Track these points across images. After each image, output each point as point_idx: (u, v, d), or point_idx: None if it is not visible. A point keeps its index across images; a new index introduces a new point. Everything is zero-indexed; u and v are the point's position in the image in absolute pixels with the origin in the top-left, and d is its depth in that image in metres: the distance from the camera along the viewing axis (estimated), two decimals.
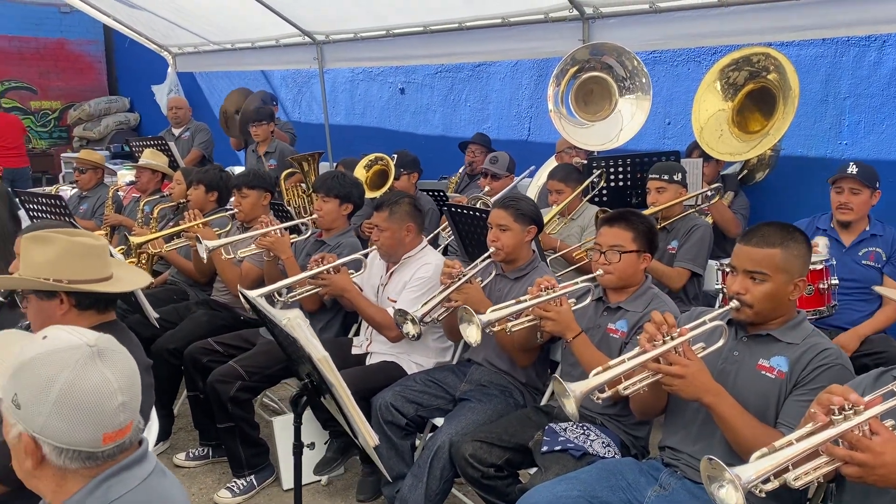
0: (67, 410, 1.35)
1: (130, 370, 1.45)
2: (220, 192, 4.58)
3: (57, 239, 2.25)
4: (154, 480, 1.48)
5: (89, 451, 1.38)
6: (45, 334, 1.44)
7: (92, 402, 1.36)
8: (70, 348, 1.39)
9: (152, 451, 1.55)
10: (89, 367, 1.38)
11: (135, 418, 1.45)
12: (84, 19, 10.96)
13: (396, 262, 3.56)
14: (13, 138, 9.31)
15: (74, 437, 1.36)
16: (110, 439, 1.39)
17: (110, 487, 1.41)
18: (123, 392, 1.40)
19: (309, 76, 9.06)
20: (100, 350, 1.40)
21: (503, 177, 5.06)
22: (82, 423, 1.36)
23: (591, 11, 5.13)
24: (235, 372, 3.47)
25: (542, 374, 3.23)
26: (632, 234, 2.77)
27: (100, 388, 1.37)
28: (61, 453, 1.38)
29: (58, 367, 1.36)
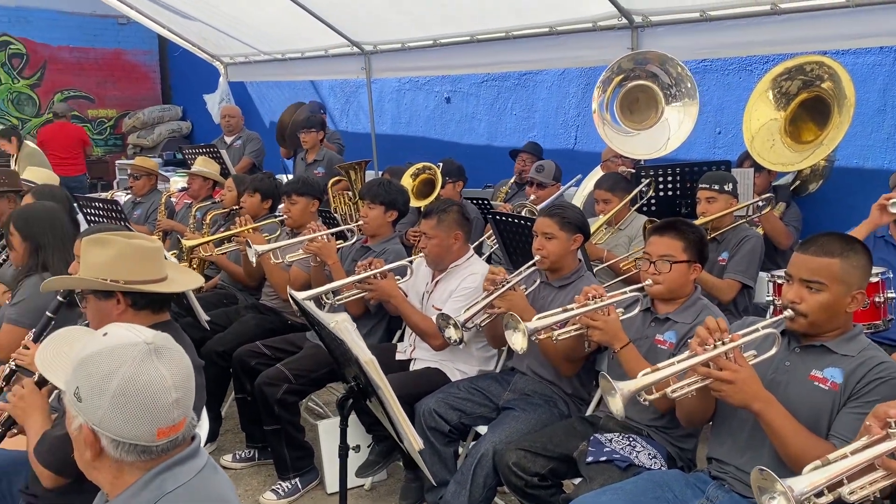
0: (124, 405, 1.40)
1: (185, 368, 1.48)
2: (273, 199, 4.67)
3: (115, 241, 2.32)
4: (206, 475, 1.51)
5: (144, 445, 1.42)
6: (105, 331, 1.49)
7: (147, 397, 1.40)
8: (129, 345, 1.43)
9: (204, 448, 1.59)
10: (146, 364, 1.42)
11: (188, 415, 1.48)
12: (140, 30, 11.30)
13: (443, 270, 3.56)
14: (70, 148, 9.69)
15: (130, 430, 1.41)
16: (164, 434, 1.43)
17: (164, 480, 1.45)
18: (177, 389, 1.44)
19: (356, 86, 9.17)
20: (156, 347, 1.45)
21: (549, 185, 5.05)
22: (138, 417, 1.40)
23: (640, 20, 5.09)
24: (282, 375, 3.53)
25: (587, 384, 3.19)
26: (682, 244, 2.73)
27: (155, 384, 1.41)
28: (118, 446, 1.42)
29: (117, 363, 1.41)
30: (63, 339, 1.79)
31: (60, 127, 9.91)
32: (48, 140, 9.69)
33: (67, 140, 9.71)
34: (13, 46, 11.46)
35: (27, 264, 3.21)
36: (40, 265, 3.17)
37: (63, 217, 3.38)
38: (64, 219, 3.37)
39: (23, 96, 11.70)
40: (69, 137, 9.75)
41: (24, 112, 11.66)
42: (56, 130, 9.84)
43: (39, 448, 2.20)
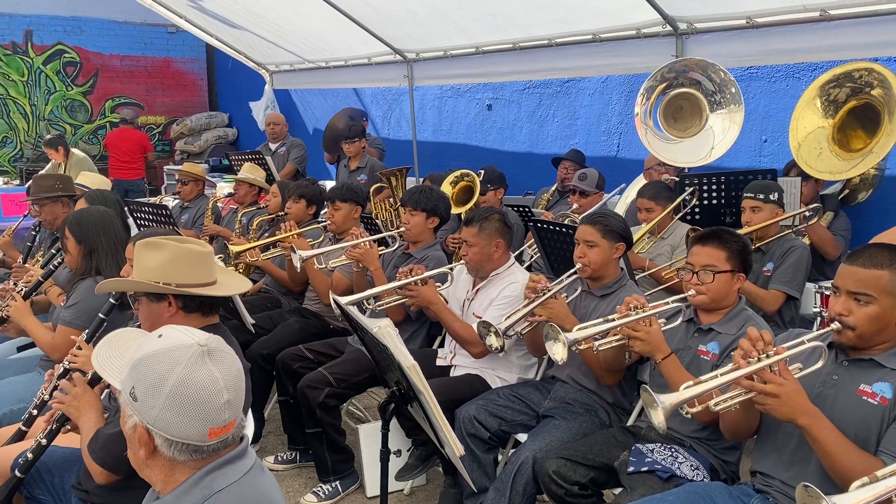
0: (178, 405, 1.44)
1: (236, 370, 1.52)
2: (317, 205, 4.74)
3: (167, 245, 2.38)
4: (253, 475, 1.55)
5: (196, 445, 1.46)
6: (160, 333, 1.54)
7: (201, 398, 1.44)
8: (183, 347, 1.47)
9: (251, 448, 1.62)
10: (199, 366, 1.46)
11: (238, 416, 1.52)
12: (188, 39, 11.61)
13: (484, 277, 3.57)
14: (131, 152, 10.06)
15: (183, 430, 1.45)
16: (216, 434, 1.47)
17: (214, 479, 1.48)
18: (229, 390, 1.47)
19: (399, 93, 9.25)
20: (209, 350, 1.48)
21: (592, 194, 5.03)
22: (191, 417, 1.44)
23: (685, 27, 5.05)
24: (324, 378, 3.57)
25: (628, 393, 3.17)
26: (725, 254, 2.71)
27: (208, 386, 1.45)
28: (171, 445, 1.46)
29: (171, 364, 1.45)
30: (118, 340, 1.84)
31: (124, 132, 10.30)
32: (111, 144, 10.19)
33: (129, 145, 10.10)
34: (67, 55, 11.83)
35: (81, 267, 3.31)
36: (93, 268, 3.27)
37: (115, 221, 3.47)
38: (116, 223, 3.46)
39: (76, 103, 12.07)
40: (131, 142, 10.13)
41: (76, 118, 12.02)
42: (119, 135, 10.25)
43: (92, 445, 2.26)
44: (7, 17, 11.21)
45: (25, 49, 11.45)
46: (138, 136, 10.47)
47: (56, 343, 3.20)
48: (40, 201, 4.54)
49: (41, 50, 11.59)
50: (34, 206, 4.65)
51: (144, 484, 2.14)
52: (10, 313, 3.39)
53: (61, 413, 2.42)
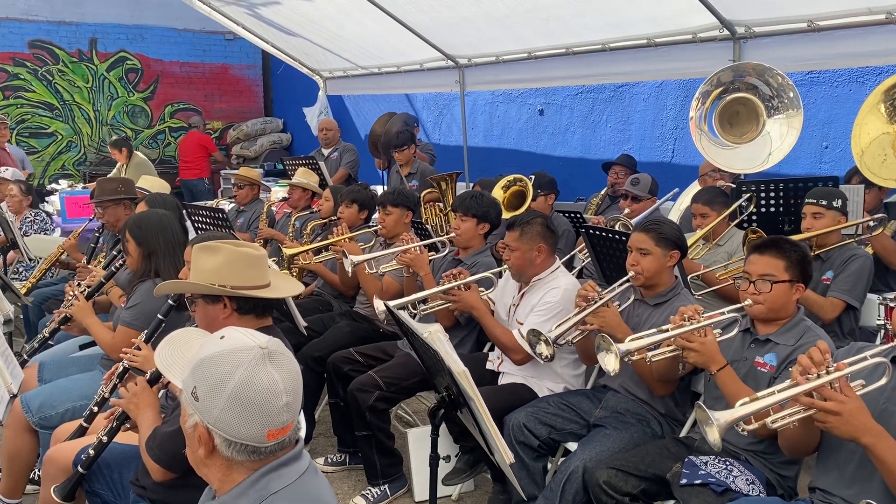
0: (239, 406, 1.45)
1: (295, 373, 1.53)
2: (368, 210, 4.78)
3: (223, 248, 2.44)
4: (308, 478, 1.56)
5: (254, 446, 1.48)
6: (222, 334, 1.56)
7: (260, 400, 1.45)
8: (245, 349, 1.49)
9: (306, 451, 1.64)
10: (260, 368, 1.47)
11: (295, 418, 1.53)
12: (245, 46, 11.85)
13: (527, 282, 3.54)
14: (193, 153, 10.83)
15: (242, 431, 1.46)
16: (273, 436, 1.48)
17: (271, 481, 1.50)
18: (288, 393, 1.48)
19: (450, 99, 9.29)
20: (270, 352, 1.50)
21: (645, 199, 4.96)
22: (251, 418, 1.45)
23: (743, 31, 4.95)
24: (374, 382, 3.60)
25: (682, 404, 3.11)
26: (784, 263, 2.63)
27: (268, 388, 1.46)
28: (230, 445, 1.48)
29: (233, 366, 1.47)
30: (180, 340, 1.88)
31: (191, 136, 11.12)
32: (180, 148, 11.28)
33: (193, 147, 10.88)
34: (129, 62, 12.20)
35: (140, 269, 3.40)
36: (152, 270, 3.35)
37: (174, 224, 3.55)
38: (175, 226, 3.55)
39: (136, 108, 12.42)
40: (194, 144, 10.91)
41: (137, 123, 12.38)
42: (186, 139, 11.18)
43: (150, 443, 2.32)
44: (74, 26, 11.62)
45: (90, 56, 11.84)
46: (200, 138, 11.05)
47: (116, 343, 3.29)
48: (103, 204, 4.68)
49: (105, 57, 11.97)
50: (97, 209, 4.80)
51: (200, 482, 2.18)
52: (74, 313, 3.51)
53: (122, 411, 2.49)
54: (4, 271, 5.63)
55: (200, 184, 10.77)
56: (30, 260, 5.64)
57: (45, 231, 6.28)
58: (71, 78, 11.72)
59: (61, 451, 2.77)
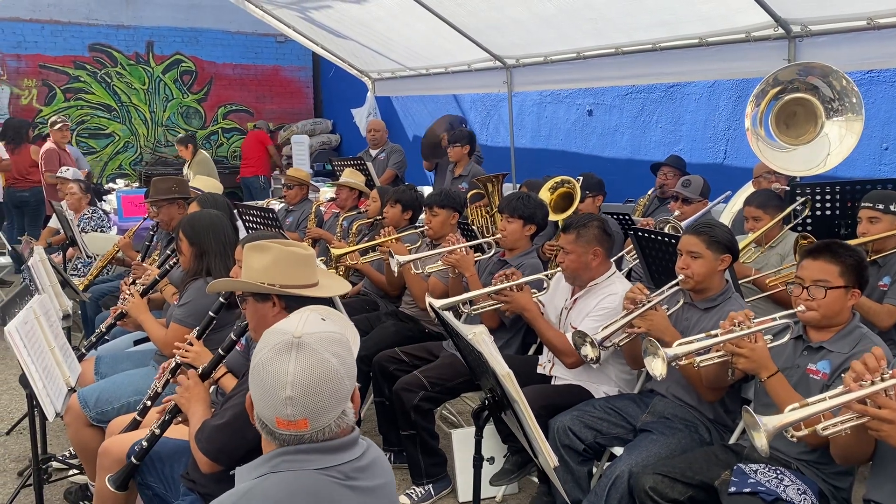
0: (254, 384, 1.51)
1: (318, 374, 1.47)
2: (414, 210, 4.81)
3: (273, 248, 2.48)
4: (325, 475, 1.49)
5: (270, 428, 1.50)
6: (300, 312, 1.61)
7: (266, 384, 1.48)
8: (281, 332, 1.52)
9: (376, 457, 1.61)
10: (279, 355, 1.48)
11: (312, 418, 1.47)
12: (296, 48, 12.02)
13: (582, 286, 3.51)
14: (252, 150, 11.28)
15: (258, 409, 1.51)
16: (284, 426, 1.48)
17: (283, 462, 1.50)
18: (293, 387, 1.45)
19: (497, 99, 9.26)
20: (300, 343, 1.48)
21: (695, 201, 4.87)
22: (261, 399, 1.50)
23: (799, 29, 4.83)
24: (419, 382, 3.61)
25: (731, 410, 3.04)
26: (839, 269, 2.55)
27: (274, 376, 1.47)
28: (257, 419, 1.53)
29: (264, 343, 1.52)
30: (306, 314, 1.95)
31: (252, 134, 11.57)
32: (242, 147, 11.72)
33: (253, 144, 11.35)
34: (184, 64, 12.49)
35: (193, 268, 3.48)
36: (204, 269, 3.43)
37: (226, 224, 3.63)
38: (226, 225, 3.63)
39: (191, 110, 12.71)
40: (255, 142, 11.38)
41: (191, 125, 12.66)
42: (249, 137, 11.63)
43: (199, 435, 2.38)
44: (132, 29, 11.95)
45: (147, 59, 12.15)
46: (257, 135, 11.43)
47: (168, 339, 3.38)
48: (158, 203, 4.81)
49: (161, 60, 12.27)
50: (152, 208, 4.93)
51: None
52: (129, 309, 3.61)
53: (174, 405, 2.56)
54: (64, 268, 5.81)
55: (256, 181, 11.08)
56: (88, 257, 5.82)
57: (102, 229, 6.47)
58: (128, 80, 12.05)
59: (115, 444, 2.86)
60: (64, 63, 11.48)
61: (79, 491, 3.62)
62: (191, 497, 2.45)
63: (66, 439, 3.99)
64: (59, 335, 3.17)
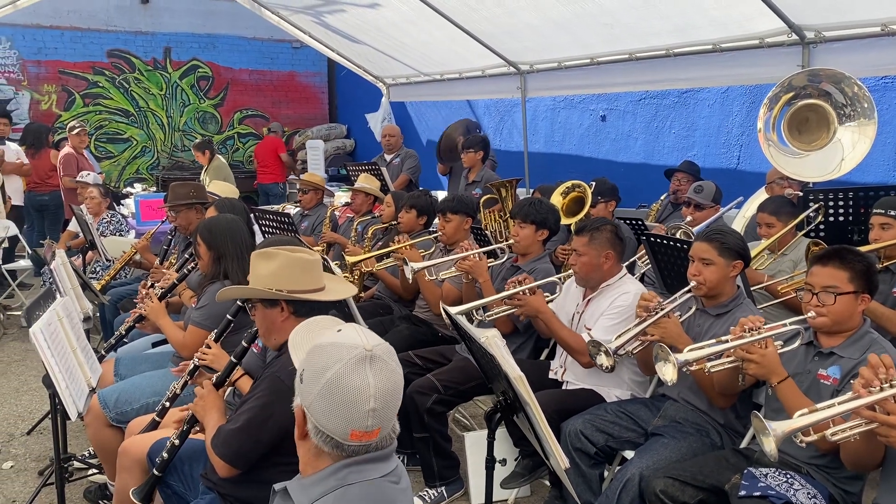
0: (328, 399, 1.50)
1: (392, 383, 1.54)
2: (428, 215, 4.86)
3: (279, 254, 2.53)
4: (386, 482, 1.58)
5: (338, 441, 1.52)
6: (341, 327, 1.63)
7: (348, 398, 1.49)
8: (350, 346, 1.53)
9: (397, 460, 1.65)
10: (357, 369, 1.50)
11: (385, 426, 1.54)
12: (311, 53, 12.12)
13: (594, 289, 3.54)
14: (267, 157, 11.24)
15: (328, 423, 1.51)
16: (357, 437, 1.51)
17: (350, 473, 1.54)
18: (377, 399, 1.50)
19: (511, 105, 9.30)
20: (373, 356, 1.52)
21: (707, 207, 4.89)
22: (336, 414, 1.50)
23: (813, 36, 4.84)
24: (433, 385, 3.65)
25: (742, 415, 3.05)
26: (848, 274, 2.57)
27: (357, 390, 1.49)
28: (318, 433, 1.53)
29: (334, 359, 1.51)
30: (315, 325, 1.96)
31: (267, 140, 11.52)
32: (256, 153, 11.65)
33: (267, 151, 11.30)
34: (201, 70, 12.62)
35: (210, 272, 3.54)
36: (222, 273, 3.49)
37: (243, 228, 3.69)
38: (243, 230, 3.68)
39: (207, 115, 12.84)
40: (268, 148, 11.32)
41: (207, 129, 12.79)
42: (262, 144, 11.60)
43: (215, 440, 2.43)
44: (150, 35, 12.10)
45: (164, 65, 12.30)
46: (272, 142, 11.40)
47: (186, 342, 3.44)
48: (176, 207, 4.88)
49: (178, 65, 12.42)
50: (170, 213, 5.00)
51: (265, 478, 2.28)
52: (148, 312, 3.68)
53: (191, 414, 2.62)
54: (84, 270, 5.90)
55: (276, 188, 11.16)
56: (107, 260, 5.91)
57: (120, 233, 6.57)
58: (146, 85, 12.20)
59: (135, 444, 2.92)
60: (83, 69, 11.64)
61: (98, 490, 3.69)
62: (210, 496, 2.49)
63: (85, 439, 4.06)
64: (80, 337, 3.23)
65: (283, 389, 2.33)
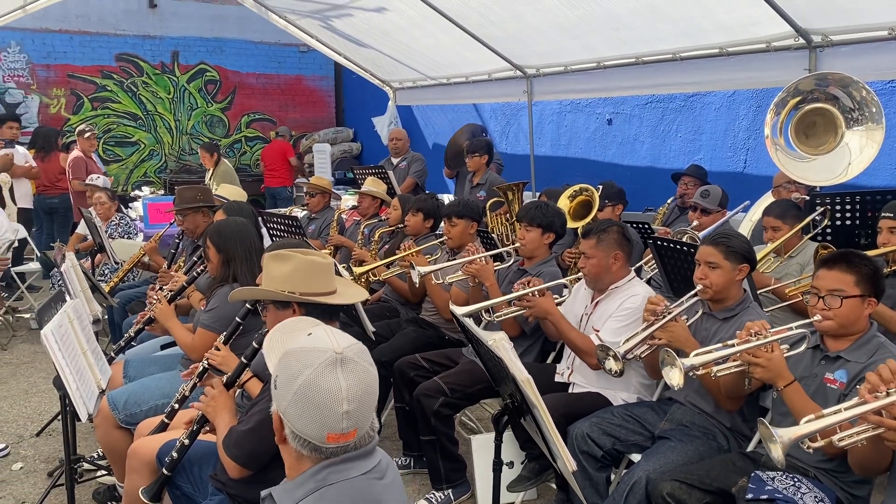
0: (302, 404, 1.52)
1: (366, 384, 1.56)
2: (435, 219, 4.88)
3: (293, 257, 2.55)
4: (370, 479, 1.59)
5: (315, 444, 1.54)
6: (311, 331, 1.64)
7: (321, 402, 1.51)
8: (320, 350, 1.55)
9: (382, 453, 1.67)
10: (328, 372, 1.52)
11: (361, 426, 1.56)
12: (318, 57, 12.17)
13: (603, 290, 3.55)
14: (275, 160, 11.29)
15: (304, 428, 1.53)
16: (333, 440, 1.53)
17: (330, 473, 1.56)
18: (351, 401, 1.52)
19: (517, 108, 9.32)
20: (344, 359, 1.54)
21: (714, 211, 4.89)
22: (311, 418, 1.52)
23: (820, 40, 4.84)
24: (439, 388, 3.66)
25: (749, 418, 3.06)
26: (854, 278, 2.57)
27: (330, 393, 1.51)
28: (295, 437, 1.55)
29: (305, 364, 1.53)
30: (290, 328, 1.97)
31: (274, 144, 11.59)
32: (264, 156, 11.67)
33: (275, 155, 11.34)
34: (209, 74, 12.68)
35: (219, 274, 3.56)
36: (230, 276, 3.51)
37: (251, 231, 3.71)
38: (252, 233, 3.70)
39: (214, 119, 12.89)
40: (276, 152, 11.37)
41: (215, 133, 12.85)
42: (269, 148, 11.64)
43: (227, 441, 2.44)
44: (157, 39, 12.17)
45: (172, 69, 12.37)
46: (280, 146, 11.46)
47: (195, 344, 3.46)
48: (183, 211, 4.91)
49: (185, 69, 12.48)
50: (178, 216, 5.02)
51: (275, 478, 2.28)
52: (157, 315, 3.70)
53: (201, 415, 2.63)
54: (92, 273, 5.93)
55: (283, 191, 11.18)
56: (115, 263, 5.94)
57: (129, 236, 6.61)
58: (154, 89, 12.27)
59: (144, 445, 2.94)
60: (91, 73, 11.71)
61: (107, 491, 3.71)
62: (219, 497, 2.51)
63: (94, 441, 4.09)
64: (90, 339, 3.26)
65: None
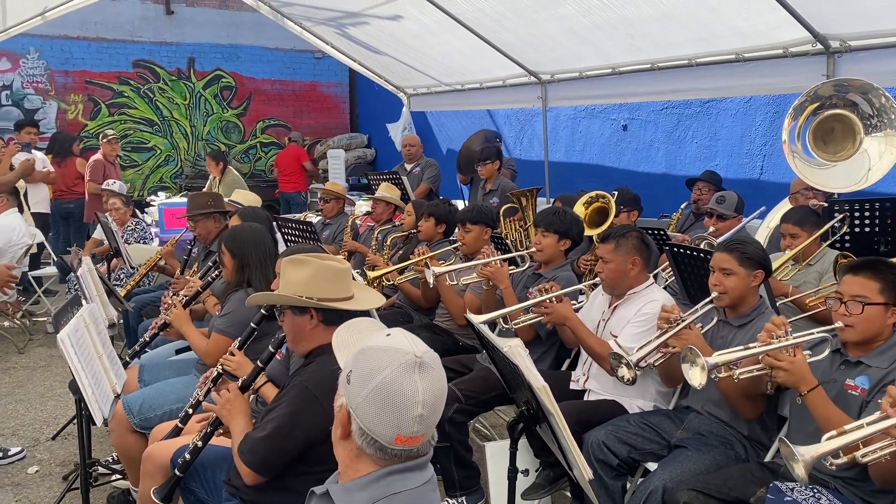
0: (377, 402, 1.51)
1: (438, 390, 1.58)
2: (448, 224, 4.87)
3: (311, 262, 2.54)
4: (427, 489, 1.60)
5: (382, 444, 1.53)
6: (390, 332, 1.65)
7: (398, 403, 1.51)
8: (401, 352, 1.55)
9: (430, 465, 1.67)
10: (408, 374, 1.52)
11: (427, 433, 1.57)
12: (333, 64, 12.22)
13: (620, 296, 3.52)
14: (289, 166, 11.38)
15: (375, 427, 1.52)
16: (402, 442, 1.53)
17: (394, 482, 1.56)
18: (425, 406, 1.53)
19: (532, 114, 9.30)
20: (422, 363, 1.55)
21: (730, 218, 4.85)
22: (384, 417, 1.51)
23: (838, 45, 4.80)
24: (453, 394, 3.64)
25: (767, 427, 3.02)
26: (879, 285, 2.54)
27: (407, 395, 1.51)
28: (362, 435, 1.54)
29: (385, 363, 1.53)
30: (358, 327, 1.97)
31: (288, 150, 11.66)
32: (278, 162, 11.74)
33: (289, 160, 11.42)
34: (224, 80, 12.77)
35: (234, 280, 3.57)
36: (245, 281, 3.52)
37: (266, 237, 3.72)
38: (267, 238, 3.71)
39: (230, 124, 12.97)
40: (290, 157, 11.45)
41: (230, 139, 12.92)
42: (284, 153, 11.72)
43: (242, 448, 2.44)
44: (174, 46, 12.26)
45: (188, 75, 12.46)
46: (294, 151, 11.52)
47: (210, 349, 3.47)
48: (195, 217, 4.93)
49: (202, 75, 12.57)
50: (190, 222, 5.05)
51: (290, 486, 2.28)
52: (172, 320, 3.71)
53: (215, 417, 2.63)
54: (108, 277, 5.97)
55: (298, 196, 11.24)
56: (131, 267, 5.97)
57: (144, 240, 6.64)
58: (170, 95, 12.36)
59: (158, 450, 2.94)
60: (109, 79, 11.82)
61: (121, 496, 3.72)
62: (233, 502, 2.51)
63: (108, 445, 4.10)
64: (106, 343, 3.27)
65: (310, 398, 2.34)
